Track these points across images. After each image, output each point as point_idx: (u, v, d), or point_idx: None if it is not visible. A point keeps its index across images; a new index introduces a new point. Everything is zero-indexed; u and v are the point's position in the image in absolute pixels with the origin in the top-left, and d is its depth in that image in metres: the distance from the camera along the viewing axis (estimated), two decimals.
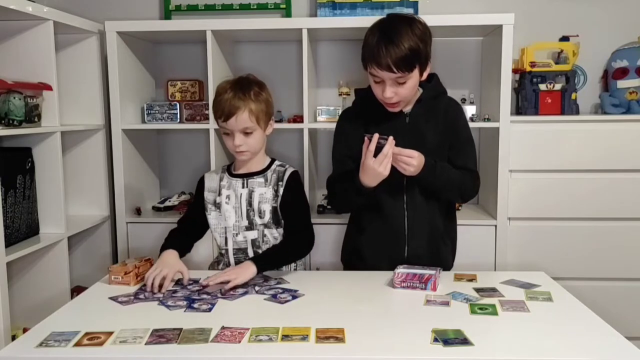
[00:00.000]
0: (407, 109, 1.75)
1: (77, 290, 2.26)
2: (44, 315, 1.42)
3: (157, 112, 2.54)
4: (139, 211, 2.54)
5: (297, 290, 1.57)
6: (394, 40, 1.57)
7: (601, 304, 1.80)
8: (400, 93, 1.64)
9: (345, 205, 1.84)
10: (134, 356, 1.21)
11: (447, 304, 1.46)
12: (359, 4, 2.48)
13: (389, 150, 1.56)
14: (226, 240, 1.78)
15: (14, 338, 1.84)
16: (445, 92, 1.81)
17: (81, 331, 1.29)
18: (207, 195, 1.81)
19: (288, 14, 2.68)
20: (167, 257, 1.69)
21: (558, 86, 2.43)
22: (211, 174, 1.86)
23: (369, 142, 1.58)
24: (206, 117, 2.51)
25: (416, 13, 2.46)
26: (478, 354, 1.19)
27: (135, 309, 1.46)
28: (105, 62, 2.42)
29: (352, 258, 1.87)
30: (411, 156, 1.59)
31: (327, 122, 2.47)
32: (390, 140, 1.57)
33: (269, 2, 2.69)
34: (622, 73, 2.48)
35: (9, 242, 1.97)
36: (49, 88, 2.09)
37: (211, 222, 1.80)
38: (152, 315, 1.41)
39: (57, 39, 2.15)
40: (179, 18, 2.72)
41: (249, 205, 1.75)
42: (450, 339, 1.24)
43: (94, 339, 1.26)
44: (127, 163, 2.47)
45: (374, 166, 1.57)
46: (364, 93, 1.78)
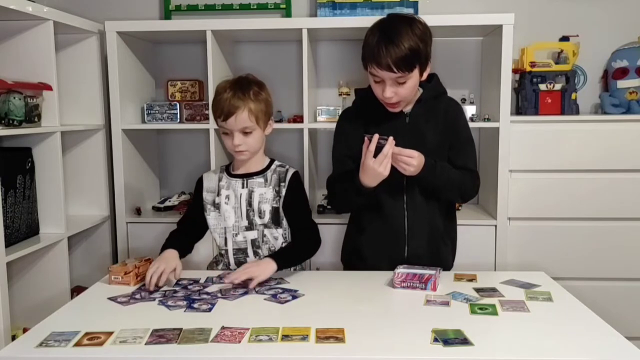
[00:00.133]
0: (407, 109, 1.75)
1: (77, 290, 2.26)
2: (44, 315, 1.42)
3: (157, 112, 2.54)
4: (139, 211, 2.54)
5: (297, 290, 1.57)
6: (394, 40, 1.57)
7: (601, 304, 1.80)
8: (400, 93, 1.64)
9: (345, 205, 1.84)
10: (134, 356, 1.21)
11: (447, 304, 1.46)
12: (359, 4, 2.47)
13: (389, 150, 1.56)
14: (226, 240, 1.78)
15: (14, 338, 1.84)
16: (445, 92, 1.81)
17: (81, 331, 1.29)
18: (205, 195, 1.81)
19: (288, 14, 2.68)
20: (166, 254, 1.69)
21: (558, 86, 2.43)
22: (209, 174, 1.86)
23: (368, 142, 1.58)
24: (206, 117, 2.51)
25: (416, 13, 2.46)
26: (478, 354, 1.19)
27: (135, 309, 1.46)
28: (105, 62, 2.42)
29: (352, 258, 1.87)
30: (411, 156, 1.59)
31: (327, 122, 2.47)
32: (390, 140, 1.57)
33: (269, 2, 2.69)
34: (622, 73, 2.48)
35: (9, 242, 1.97)
36: (49, 88, 2.09)
37: (210, 223, 1.80)
38: (152, 315, 1.41)
39: (57, 39, 2.15)
40: (179, 18, 2.72)
41: (248, 205, 1.75)
42: (450, 339, 1.24)
43: (94, 339, 1.26)
44: (127, 163, 2.47)
45: (373, 166, 1.57)
46: (364, 93, 1.78)
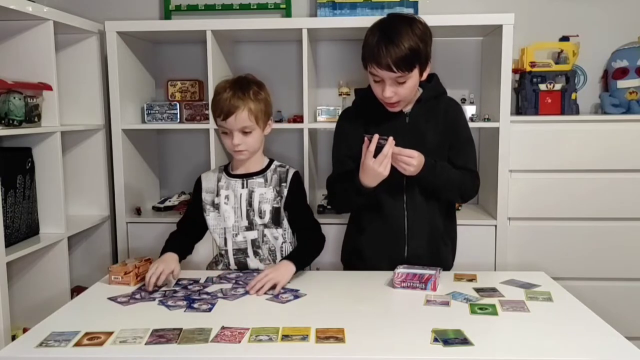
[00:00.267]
0: (407, 109, 1.75)
1: (77, 290, 2.26)
2: (44, 315, 1.42)
3: (157, 112, 2.54)
4: (139, 211, 2.54)
5: (299, 290, 1.57)
6: (394, 40, 1.57)
7: (601, 304, 1.80)
8: (400, 93, 1.64)
9: (345, 205, 1.84)
10: (134, 356, 1.21)
11: (447, 304, 1.46)
12: (359, 4, 2.47)
13: (388, 150, 1.56)
14: (225, 240, 1.78)
15: (14, 338, 1.84)
16: (445, 92, 1.81)
17: (81, 331, 1.29)
18: (205, 196, 1.80)
19: (288, 14, 2.68)
20: (166, 256, 1.69)
21: (558, 86, 2.43)
22: (208, 174, 1.85)
23: (368, 142, 1.58)
24: (206, 117, 2.51)
25: (416, 13, 2.46)
26: (478, 354, 1.19)
27: (135, 309, 1.46)
28: (105, 62, 2.42)
29: (352, 258, 1.87)
30: (411, 156, 1.59)
31: (327, 122, 2.47)
32: (390, 140, 1.57)
33: (269, 2, 2.69)
34: (622, 73, 2.48)
35: (9, 242, 1.97)
36: (49, 88, 2.09)
37: (210, 223, 1.80)
38: (152, 315, 1.41)
39: (57, 39, 2.15)
40: (179, 18, 2.72)
41: (248, 205, 1.75)
42: (450, 339, 1.24)
43: (94, 339, 1.26)
44: (127, 163, 2.47)
45: (373, 166, 1.57)
46: (363, 93, 1.78)
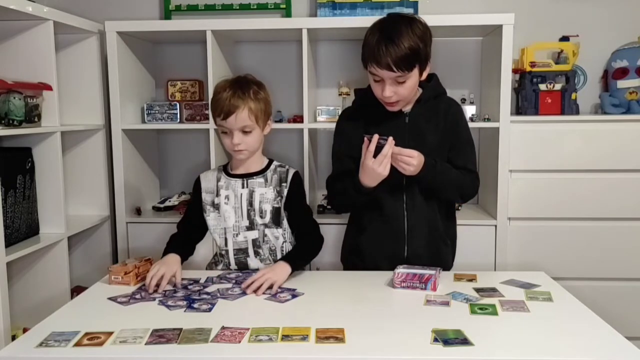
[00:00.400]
0: (406, 108, 1.75)
1: (77, 290, 2.26)
2: (44, 315, 1.42)
3: (157, 112, 2.54)
4: (139, 211, 2.54)
5: (296, 290, 1.57)
6: (394, 40, 1.57)
7: (601, 304, 1.80)
8: (400, 92, 1.64)
9: (345, 205, 1.84)
10: (134, 356, 1.21)
11: (447, 304, 1.46)
12: (359, 4, 2.47)
13: (388, 150, 1.56)
14: (226, 241, 1.78)
15: (14, 338, 1.84)
16: (445, 92, 1.81)
17: (81, 331, 1.29)
18: (204, 196, 1.80)
19: (288, 14, 2.68)
20: (168, 258, 1.69)
21: (558, 86, 2.43)
22: (207, 174, 1.84)
23: (368, 142, 1.58)
24: (206, 117, 2.51)
25: (416, 13, 2.46)
26: (478, 354, 1.19)
27: (135, 309, 1.46)
28: (105, 62, 2.42)
29: (352, 258, 1.87)
30: (411, 156, 1.59)
31: (327, 122, 2.47)
32: (390, 140, 1.57)
33: (269, 2, 2.69)
34: (622, 73, 2.48)
35: (9, 242, 1.97)
36: (49, 88, 2.09)
37: (210, 224, 1.79)
38: (152, 315, 1.41)
39: (57, 39, 2.15)
40: (179, 18, 2.72)
41: (249, 205, 1.75)
42: (450, 339, 1.24)
43: (94, 339, 1.26)
44: (127, 163, 2.47)
45: (373, 166, 1.57)
46: (363, 93, 1.78)
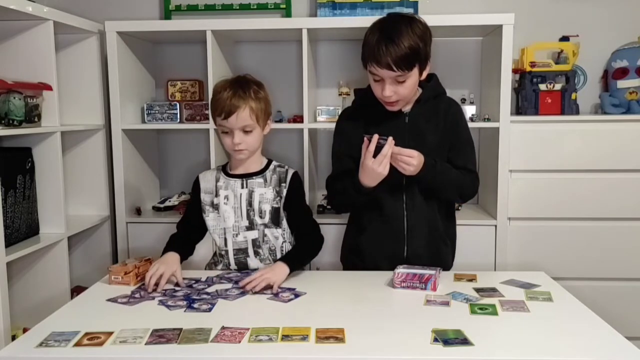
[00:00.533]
0: (406, 108, 1.75)
1: (77, 290, 2.26)
2: (44, 315, 1.42)
3: (157, 112, 2.54)
4: (139, 211, 2.54)
5: (295, 289, 1.57)
6: (394, 39, 1.57)
7: (601, 304, 1.79)
8: (400, 92, 1.64)
9: (344, 205, 1.84)
10: (134, 356, 1.21)
11: (447, 304, 1.46)
12: (359, 4, 2.47)
13: (388, 150, 1.56)
14: (225, 241, 1.77)
15: (14, 338, 1.84)
16: (445, 92, 1.81)
17: (81, 331, 1.29)
18: (203, 197, 1.79)
19: (288, 14, 2.68)
20: (167, 257, 1.69)
21: (558, 86, 2.43)
22: (205, 174, 1.84)
23: (368, 142, 1.58)
24: (206, 117, 2.51)
25: (416, 13, 2.46)
26: (478, 354, 1.19)
27: (135, 309, 1.46)
28: (105, 62, 2.42)
29: (351, 258, 1.87)
30: (411, 156, 1.59)
31: (327, 122, 2.47)
32: (390, 140, 1.57)
33: (269, 2, 2.69)
34: (622, 73, 2.48)
35: (9, 242, 1.97)
36: (49, 88, 2.09)
37: (209, 224, 1.79)
38: (152, 315, 1.41)
39: (57, 39, 2.15)
40: (179, 18, 2.72)
41: (249, 205, 1.75)
42: (450, 339, 1.24)
43: (94, 339, 1.26)
44: (127, 163, 2.47)
45: (373, 166, 1.57)
46: (363, 93, 1.78)
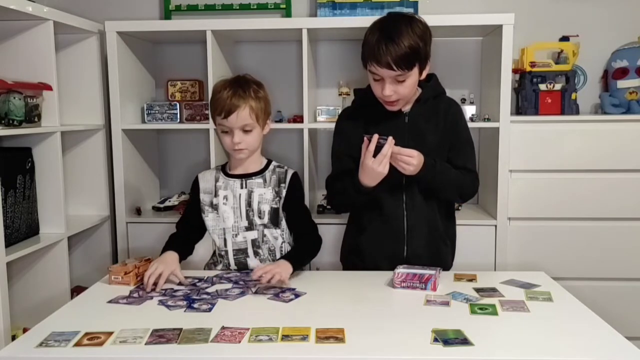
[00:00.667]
0: (406, 108, 1.75)
1: (77, 290, 2.26)
2: (44, 315, 1.42)
3: (157, 112, 2.54)
4: (139, 211, 2.54)
5: (295, 289, 1.57)
6: (394, 39, 1.57)
7: (601, 304, 1.79)
8: (400, 91, 1.64)
9: (344, 205, 1.84)
10: (134, 356, 1.21)
11: (447, 304, 1.46)
12: (359, 4, 2.47)
13: (388, 150, 1.57)
14: (225, 241, 1.77)
15: (14, 338, 1.84)
16: (444, 92, 1.81)
17: (81, 331, 1.29)
18: (203, 197, 1.79)
19: (288, 14, 2.68)
20: (166, 256, 1.69)
21: (558, 86, 2.43)
22: (205, 174, 1.84)
23: (368, 142, 1.58)
24: (206, 117, 2.51)
25: (416, 13, 2.45)
26: (478, 354, 1.19)
27: (135, 309, 1.46)
28: (105, 62, 2.42)
29: (351, 258, 1.87)
30: (411, 155, 1.59)
31: (327, 122, 2.47)
32: (390, 140, 1.57)
33: (269, 2, 2.69)
34: (622, 73, 2.48)
35: (9, 242, 1.97)
36: (49, 88, 2.09)
37: (209, 224, 1.79)
38: (152, 315, 1.41)
39: (57, 39, 2.15)
40: (179, 18, 2.72)
41: (248, 205, 1.75)
42: (450, 339, 1.24)
43: (94, 339, 1.26)
44: (127, 163, 2.47)
45: (372, 166, 1.57)
46: (363, 93, 1.79)
